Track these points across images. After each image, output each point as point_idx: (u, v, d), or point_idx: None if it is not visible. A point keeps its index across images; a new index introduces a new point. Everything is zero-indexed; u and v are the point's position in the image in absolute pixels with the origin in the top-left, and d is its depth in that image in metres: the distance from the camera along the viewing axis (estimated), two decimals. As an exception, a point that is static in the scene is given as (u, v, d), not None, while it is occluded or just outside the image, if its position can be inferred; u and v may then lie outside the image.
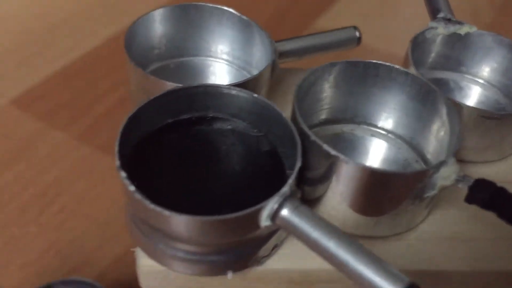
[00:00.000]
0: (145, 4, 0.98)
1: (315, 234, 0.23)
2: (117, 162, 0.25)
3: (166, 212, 0.23)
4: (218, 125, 0.30)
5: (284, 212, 0.24)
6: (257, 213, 0.24)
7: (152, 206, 0.23)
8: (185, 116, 0.30)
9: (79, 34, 0.92)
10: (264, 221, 0.24)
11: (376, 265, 0.22)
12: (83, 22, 0.95)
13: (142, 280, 0.28)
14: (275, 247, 0.27)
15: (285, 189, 0.24)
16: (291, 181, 0.25)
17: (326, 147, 0.26)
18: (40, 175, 0.69)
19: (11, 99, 0.79)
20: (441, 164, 0.25)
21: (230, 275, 0.26)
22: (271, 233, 0.27)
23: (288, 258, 0.28)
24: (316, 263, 0.28)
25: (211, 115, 0.30)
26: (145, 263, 0.27)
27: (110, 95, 0.82)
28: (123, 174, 0.25)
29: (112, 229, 0.64)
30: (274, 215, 0.24)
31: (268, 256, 0.27)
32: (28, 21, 0.93)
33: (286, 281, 0.28)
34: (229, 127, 0.30)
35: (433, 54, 0.36)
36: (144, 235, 0.26)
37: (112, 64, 0.87)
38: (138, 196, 0.24)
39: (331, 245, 0.23)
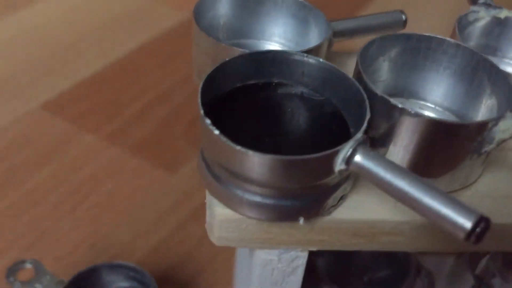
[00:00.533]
0: (168, 16, 1.01)
1: (388, 175, 0.25)
2: (201, 111, 0.27)
3: (251, 153, 0.25)
4: (283, 90, 0.32)
5: (358, 157, 0.26)
6: (334, 156, 0.26)
7: (238, 147, 0.25)
8: (252, 82, 0.32)
9: (106, 45, 0.94)
10: (339, 165, 0.26)
11: (447, 200, 0.24)
12: (110, 34, 0.98)
13: (216, 231, 0.29)
14: (342, 198, 0.29)
15: (359, 135, 0.26)
16: (364, 127, 0.27)
17: (393, 101, 0.28)
18: (72, 174, 0.71)
19: (42, 103, 0.81)
20: (500, 117, 0.27)
21: (301, 220, 0.28)
22: (339, 183, 0.28)
23: (353, 209, 0.30)
24: (380, 214, 0.30)
25: (276, 81, 0.32)
26: (220, 212, 0.29)
27: (137, 100, 0.84)
28: (207, 121, 0.26)
29: (144, 224, 0.66)
30: (348, 159, 0.26)
31: (335, 206, 0.29)
32: (58, 31, 0.96)
33: (351, 233, 0.30)
34: (294, 92, 0.32)
35: (473, 37, 0.38)
36: (221, 184, 0.28)
37: (139, 72, 0.90)
38: (224, 139, 0.26)
39: (404, 184, 0.25)
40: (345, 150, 0.26)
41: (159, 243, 0.63)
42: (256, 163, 0.26)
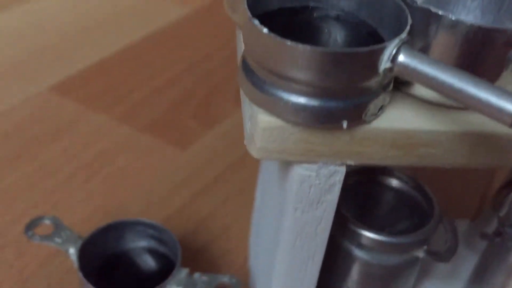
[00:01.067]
0: (172, 10, 1.03)
1: (433, 70, 0.26)
2: (248, 13, 0.28)
3: (301, 46, 0.26)
4: (319, 13, 0.33)
5: (402, 56, 0.27)
6: (380, 52, 0.27)
7: (288, 42, 0.26)
8: (288, 5, 0.33)
9: (113, 35, 0.96)
10: (384, 63, 0.27)
11: (493, 88, 0.25)
12: (116, 25, 0.99)
13: (257, 141, 0.30)
14: (381, 108, 0.30)
15: (404, 35, 0.27)
16: (407, 29, 0.28)
17: (433, 8, 0.29)
18: (83, 150, 0.71)
19: (51, 86, 0.82)
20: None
21: (345, 124, 0.29)
22: (380, 90, 0.29)
23: (392, 120, 0.30)
24: (417, 124, 0.30)
25: (312, 4, 0.33)
26: (264, 119, 0.29)
27: (146, 84, 0.85)
28: (255, 21, 0.27)
29: (157, 196, 0.66)
30: (394, 58, 0.27)
31: (375, 115, 0.30)
32: (66, 22, 0.98)
33: (389, 144, 0.30)
34: (330, 15, 0.33)
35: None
36: (265, 90, 0.29)
37: (146, 60, 0.91)
38: (273, 35, 0.26)
39: (449, 76, 0.26)
40: (391, 47, 0.27)
41: (171, 214, 0.63)
42: (305, 58, 0.26)
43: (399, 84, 0.32)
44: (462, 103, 0.26)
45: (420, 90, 0.31)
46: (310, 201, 0.33)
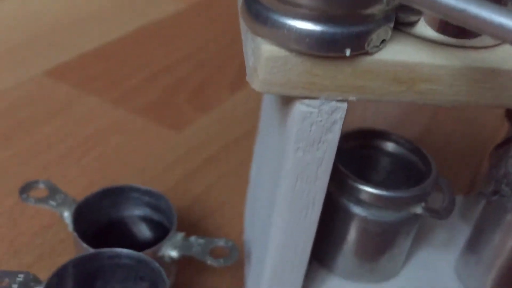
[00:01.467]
0: (165, 4, 1.04)
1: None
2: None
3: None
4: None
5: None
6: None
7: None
8: None
9: (107, 25, 0.96)
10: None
11: (496, 8, 0.25)
12: (110, 16, 0.99)
13: (260, 72, 0.30)
14: (383, 42, 0.30)
15: (406, -40, 0.28)
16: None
17: None
18: (77, 129, 0.71)
19: (45, 71, 0.81)
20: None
21: (348, 52, 0.29)
22: (383, 20, 0.29)
23: (394, 53, 0.31)
24: (419, 58, 0.31)
25: None
26: (267, 49, 0.29)
27: (141, 71, 0.85)
28: None
29: (151, 173, 0.65)
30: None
31: (378, 47, 0.30)
32: (61, 11, 0.98)
33: (391, 77, 0.31)
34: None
35: None
36: (268, 18, 0.29)
37: (141, 49, 0.91)
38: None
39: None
40: (394, -29, 0.27)
41: (165, 191, 0.62)
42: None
43: (402, 25, 0.32)
44: (465, 24, 0.26)
45: (422, 29, 0.32)
46: (311, 141, 0.33)
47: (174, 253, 0.46)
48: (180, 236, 0.47)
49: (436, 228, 0.53)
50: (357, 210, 0.42)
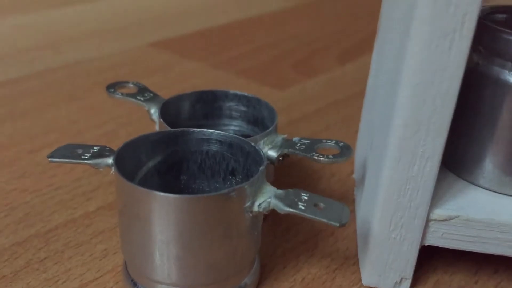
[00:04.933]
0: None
1: None
2: None
3: None
4: None
5: None
6: None
7: None
8: None
9: (214, 13, 0.94)
10: None
11: None
12: (218, 6, 0.98)
13: None
14: None
15: None
16: None
17: None
18: (173, 86, 0.67)
19: (148, 43, 0.79)
20: None
21: None
22: None
23: None
24: None
25: None
26: None
27: (244, 46, 0.81)
28: None
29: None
30: None
31: None
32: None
33: None
34: None
35: None
36: None
37: (244, 34, 0.88)
38: None
39: None
40: None
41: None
42: None
43: None
44: None
45: None
46: None
47: (272, 153, 0.38)
48: (281, 137, 0.39)
49: None
50: (515, 78, 0.32)
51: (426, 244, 0.34)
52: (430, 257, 0.39)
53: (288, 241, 0.40)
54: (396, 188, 0.32)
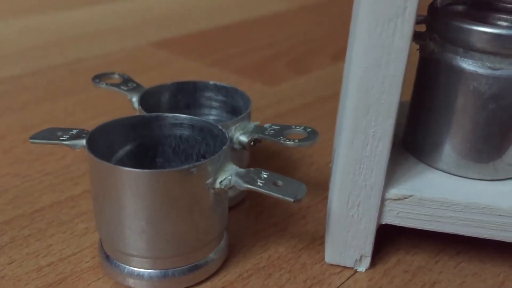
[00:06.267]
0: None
1: None
2: None
3: None
4: None
5: None
6: None
7: None
8: None
9: (212, 15, 0.96)
10: None
11: None
12: (216, 8, 1.01)
13: None
14: None
15: None
16: None
17: None
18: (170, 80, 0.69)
19: (147, 42, 0.82)
20: None
21: None
22: None
23: None
24: None
25: None
26: None
27: (240, 46, 0.83)
28: None
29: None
30: None
31: None
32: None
33: None
34: None
35: None
36: None
37: (243, 35, 0.90)
38: None
39: None
40: None
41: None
42: None
43: None
44: None
45: None
46: None
47: (244, 138, 0.40)
48: (253, 123, 0.41)
49: None
50: (464, 63, 0.34)
51: (383, 223, 0.36)
52: (394, 238, 0.40)
53: (260, 223, 0.42)
54: (351, 167, 0.34)
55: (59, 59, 0.74)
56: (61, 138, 0.36)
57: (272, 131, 0.40)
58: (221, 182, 0.33)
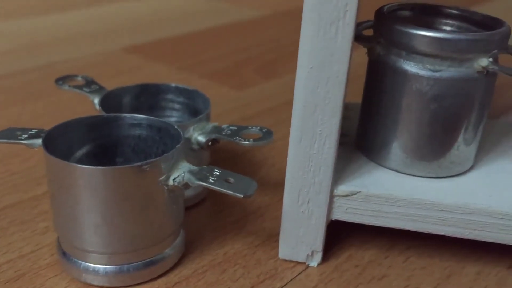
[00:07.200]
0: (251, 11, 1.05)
1: None
2: None
3: None
4: None
5: None
6: None
7: None
8: None
9: (184, 22, 0.98)
10: None
11: None
12: (189, 15, 1.02)
13: None
14: None
15: None
16: None
17: None
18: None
19: (120, 48, 0.82)
20: None
21: None
22: None
23: None
24: None
25: None
26: None
27: (211, 51, 0.84)
28: None
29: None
30: None
31: None
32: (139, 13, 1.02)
33: None
34: None
35: None
36: None
37: (214, 40, 0.91)
38: None
39: None
40: None
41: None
42: None
43: None
44: None
45: None
46: None
47: (201, 138, 0.41)
48: (211, 124, 0.43)
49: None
50: (407, 65, 0.35)
51: (333, 219, 0.37)
52: (348, 234, 0.42)
53: (219, 221, 0.43)
54: (300, 165, 0.35)
55: (30, 63, 0.75)
56: (19, 138, 0.37)
57: (229, 131, 0.42)
58: (174, 179, 0.34)
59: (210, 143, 0.42)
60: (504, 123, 0.48)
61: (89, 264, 0.35)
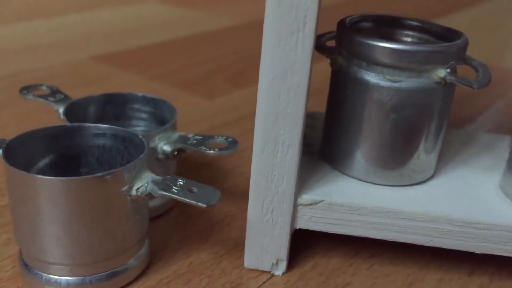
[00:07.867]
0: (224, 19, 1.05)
1: None
2: None
3: None
4: None
5: None
6: None
7: None
8: None
9: (158, 31, 0.97)
10: None
11: None
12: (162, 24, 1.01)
13: None
14: None
15: None
16: None
17: None
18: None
19: (89, 56, 0.83)
20: None
21: None
22: None
23: None
24: None
25: None
26: None
27: (182, 60, 0.84)
28: None
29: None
30: None
31: None
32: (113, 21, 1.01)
33: None
34: None
35: None
36: None
37: (185, 49, 0.91)
38: None
39: None
40: None
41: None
42: None
43: None
44: None
45: None
46: None
47: (167, 147, 0.41)
48: (177, 134, 0.43)
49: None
50: (368, 76, 0.36)
51: (297, 227, 0.38)
52: (313, 243, 0.42)
53: (185, 231, 0.43)
54: (264, 174, 0.35)
55: (-4, 72, 0.74)
56: (-20, 148, 0.36)
57: (194, 141, 0.42)
58: (137, 189, 0.34)
59: (175, 153, 0.42)
60: (464, 132, 0.49)
61: (51, 276, 0.35)
